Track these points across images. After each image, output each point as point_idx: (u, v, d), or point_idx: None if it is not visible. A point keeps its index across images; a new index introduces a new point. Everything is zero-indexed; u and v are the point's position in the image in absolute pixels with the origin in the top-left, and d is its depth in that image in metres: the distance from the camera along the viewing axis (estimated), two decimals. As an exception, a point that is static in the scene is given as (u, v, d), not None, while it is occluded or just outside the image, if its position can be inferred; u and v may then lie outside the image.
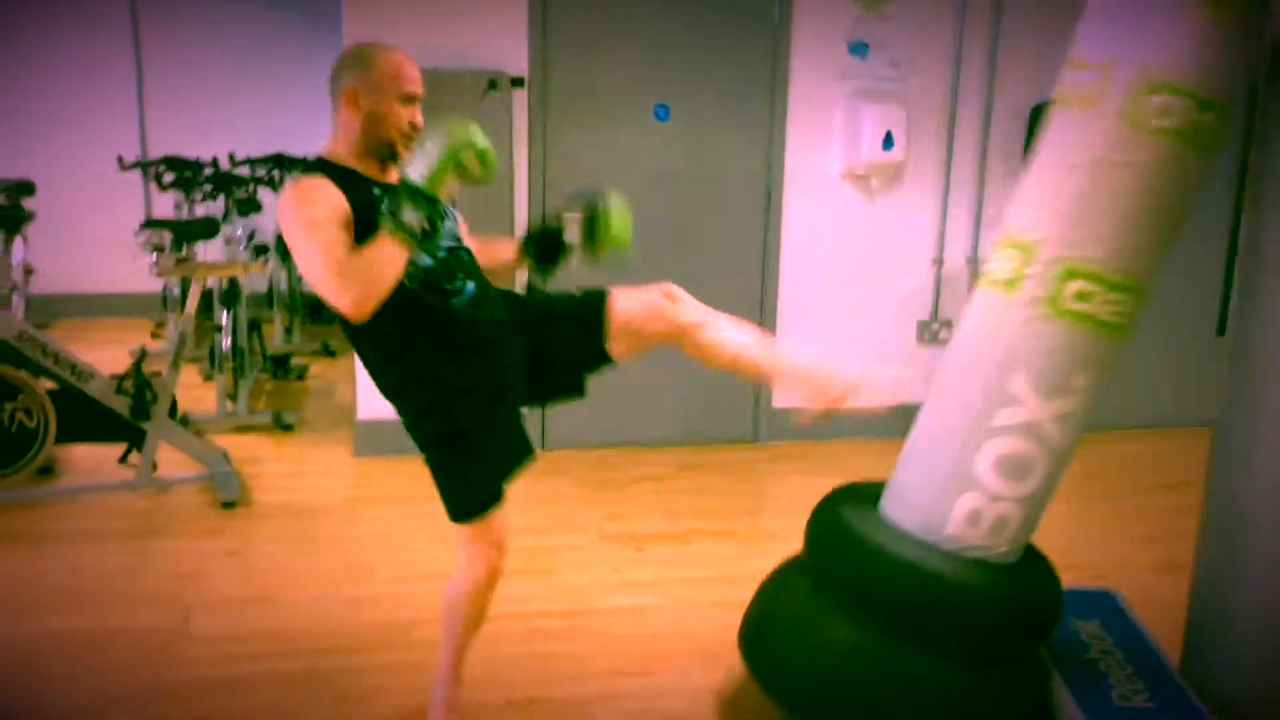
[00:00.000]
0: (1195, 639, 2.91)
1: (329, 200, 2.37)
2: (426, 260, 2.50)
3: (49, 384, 4.18)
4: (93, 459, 4.61)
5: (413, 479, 4.65)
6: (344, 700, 3.04)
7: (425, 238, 2.30)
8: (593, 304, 2.74)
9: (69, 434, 4.28)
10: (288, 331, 6.61)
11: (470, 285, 2.62)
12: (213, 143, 6.96)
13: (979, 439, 2.61)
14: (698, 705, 3.06)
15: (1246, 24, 2.46)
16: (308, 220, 2.33)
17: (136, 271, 6.36)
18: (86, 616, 3.47)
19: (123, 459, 4.39)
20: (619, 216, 2.76)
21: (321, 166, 2.49)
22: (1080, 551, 4.14)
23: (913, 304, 5.25)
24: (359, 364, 4.58)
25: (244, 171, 6.59)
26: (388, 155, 2.53)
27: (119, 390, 4.22)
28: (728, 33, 4.85)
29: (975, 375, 2.64)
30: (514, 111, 4.68)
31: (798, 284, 5.07)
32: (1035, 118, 5.07)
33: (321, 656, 3.25)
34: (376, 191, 2.47)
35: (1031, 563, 2.79)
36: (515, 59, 4.67)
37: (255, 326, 5.88)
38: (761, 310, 5.08)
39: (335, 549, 3.98)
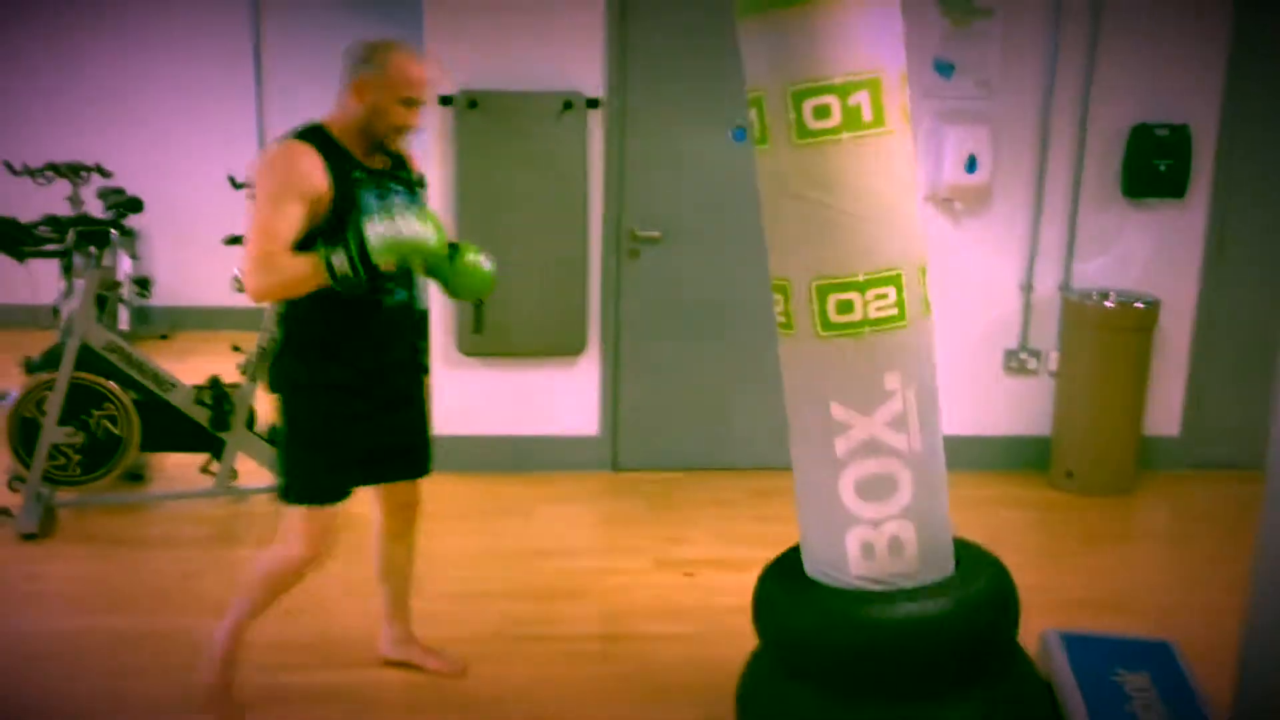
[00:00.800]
0: (1245, 698, 2.72)
1: (302, 173, 2.61)
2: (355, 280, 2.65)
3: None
4: (183, 467, 4.81)
5: (475, 495, 4.73)
6: (365, 713, 3.09)
7: (343, 283, 2.56)
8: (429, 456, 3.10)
9: (153, 442, 4.48)
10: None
11: (402, 294, 2.85)
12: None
13: (834, 474, 2.56)
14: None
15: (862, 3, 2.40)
16: (274, 187, 2.61)
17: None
18: (149, 617, 3.61)
19: (204, 468, 4.57)
20: (472, 272, 2.84)
21: (316, 134, 2.70)
22: (1161, 595, 3.92)
23: (999, 332, 5.07)
24: (436, 379, 4.72)
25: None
26: (378, 145, 2.76)
27: (199, 401, 4.39)
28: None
29: (805, 417, 2.63)
30: (589, 131, 4.70)
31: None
32: (1134, 139, 4.85)
33: (355, 669, 3.30)
34: (356, 174, 2.71)
35: (966, 574, 2.66)
36: (591, 81, 4.70)
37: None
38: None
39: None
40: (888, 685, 2.54)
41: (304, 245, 2.62)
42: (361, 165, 2.73)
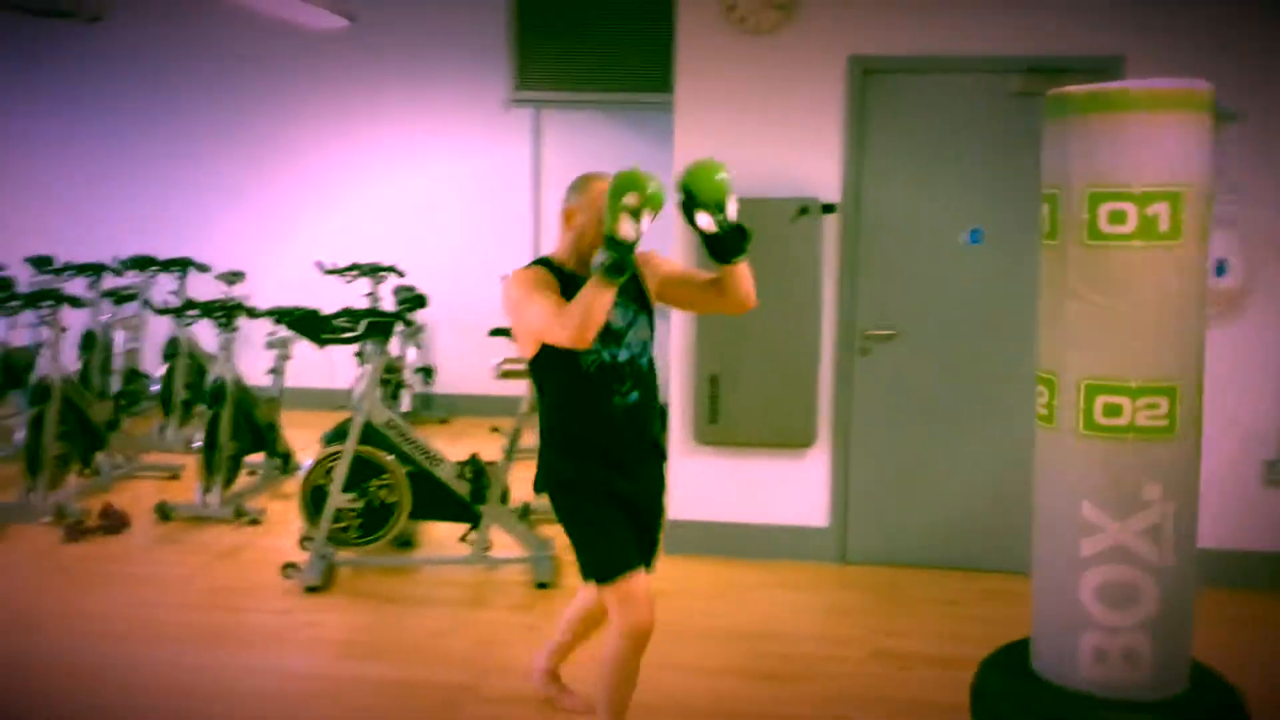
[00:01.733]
0: None
1: (546, 281, 2.99)
2: (606, 357, 2.97)
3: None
4: (447, 535, 5.30)
5: (706, 577, 4.94)
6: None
7: (617, 270, 2.76)
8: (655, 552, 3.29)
9: (421, 511, 4.98)
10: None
11: (635, 395, 3.09)
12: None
13: (1075, 574, 2.59)
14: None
15: (1180, 115, 2.49)
16: (529, 289, 2.96)
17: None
18: (402, 666, 4.03)
19: (463, 538, 5.02)
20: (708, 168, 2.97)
21: (542, 263, 3.11)
22: None
23: (1256, 442, 4.85)
24: (673, 465, 5.00)
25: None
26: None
27: (460, 476, 4.86)
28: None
29: (1054, 513, 2.66)
30: (824, 235, 4.94)
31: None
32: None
33: (576, 726, 3.58)
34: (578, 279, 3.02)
35: (1196, 696, 2.61)
36: (827, 186, 4.95)
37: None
38: (1077, 438, 4.91)
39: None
40: None
41: (544, 362, 3.03)
42: (574, 276, 3.04)
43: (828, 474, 5.11)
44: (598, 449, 3.08)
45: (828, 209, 4.94)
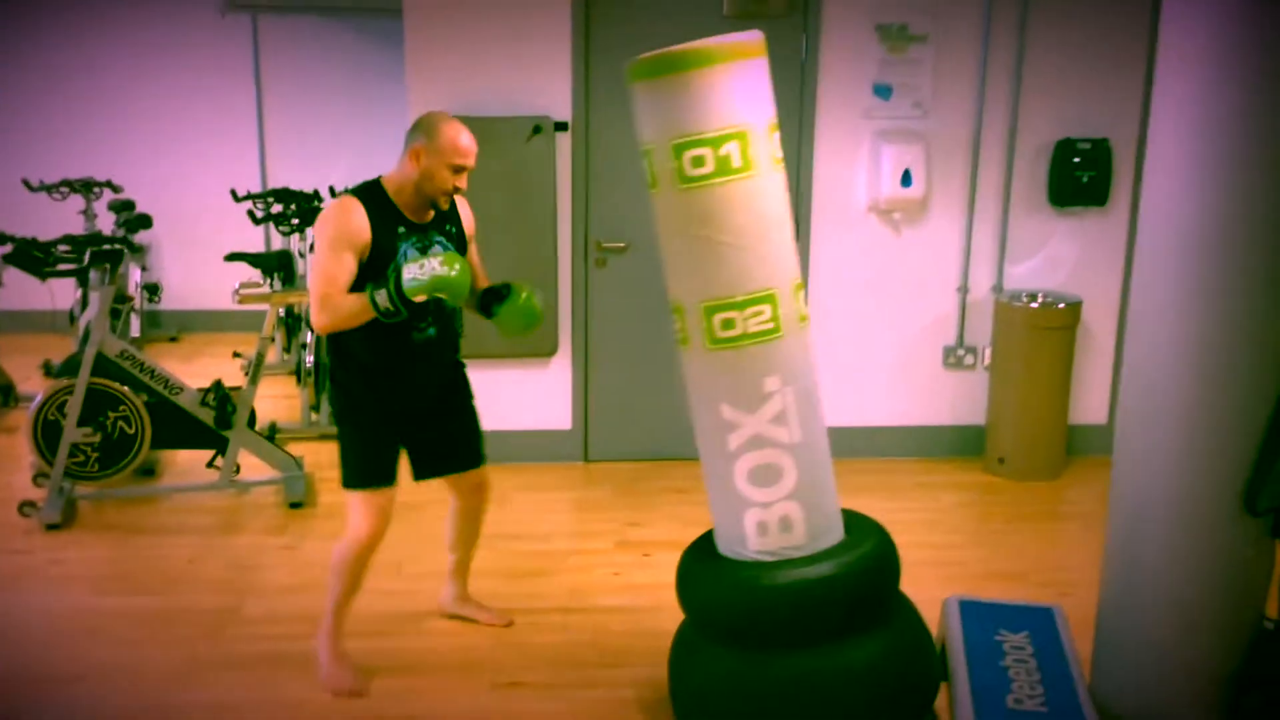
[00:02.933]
0: (1101, 658, 3.16)
1: (352, 226, 3.14)
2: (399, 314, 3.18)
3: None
4: (190, 462, 5.27)
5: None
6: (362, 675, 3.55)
7: (388, 317, 3.10)
8: (479, 453, 3.66)
9: (163, 440, 4.93)
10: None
11: (433, 330, 3.35)
12: (331, 176, 7.55)
13: (729, 466, 3.01)
14: (654, 694, 3.45)
15: (736, 64, 2.83)
16: (329, 239, 3.14)
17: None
18: (159, 596, 4.08)
19: (209, 463, 5.02)
20: (524, 310, 3.36)
21: (370, 190, 3.23)
22: (1072, 569, 4.36)
23: (938, 330, 5.50)
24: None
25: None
26: (428, 204, 3.25)
27: (203, 403, 4.85)
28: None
29: (703, 419, 3.07)
30: (557, 152, 5.14)
31: (828, 312, 5.36)
32: (1058, 153, 5.27)
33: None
34: (402, 229, 3.23)
35: (852, 541, 3.11)
36: (559, 105, 5.14)
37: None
38: (791, 335, 5.41)
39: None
40: (786, 638, 3.00)
41: (358, 286, 3.16)
42: (407, 220, 3.24)
43: (569, 380, 5.41)
44: (390, 378, 3.34)
45: (560, 127, 5.14)
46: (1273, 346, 2.74)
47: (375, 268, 3.16)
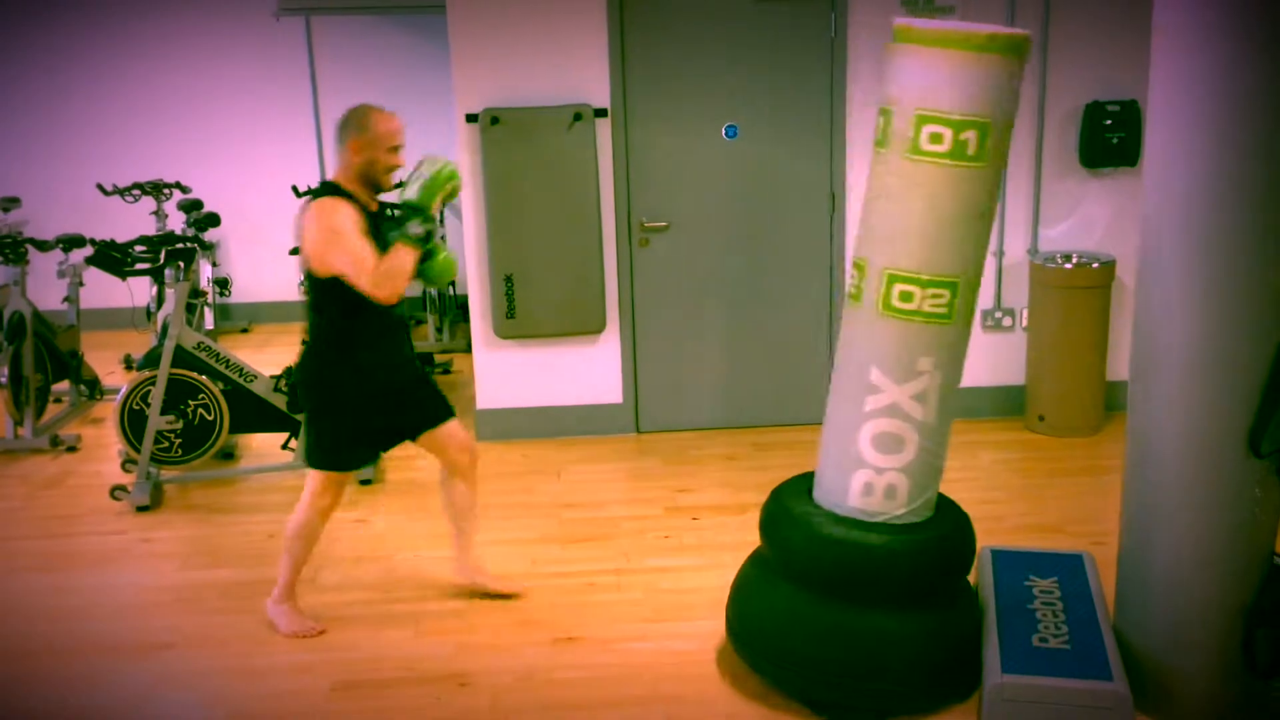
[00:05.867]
0: (1122, 595, 3.32)
1: (350, 215, 3.44)
2: None
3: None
4: (265, 445, 5.59)
5: (515, 459, 5.44)
6: (422, 636, 3.83)
7: (426, 241, 3.40)
8: (446, 406, 3.88)
9: (240, 425, 5.25)
10: (438, 330, 7.52)
11: (401, 307, 3.65)
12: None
13: (857, 424, 3.18)
14: (704, 645, 3.68)
15: (996, 57, 2.95)
16: (339, 227, 3.41)
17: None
18: (241, 569, 4.39)
19: (284, 445, 5.32)
20: (444, 265, 3.65)
21: (336, 190, 3.52)
22: (1107, 519, 4.50)
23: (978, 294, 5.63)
24: (478, 360, 5.44)
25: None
26: (375, 188, 3.55)
27: (276, 389, 5.15)
28: (787, 51, 5.35)
29: (848, 374, 3.22)
30: (598, 137, 5.36)
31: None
32: (1088, 115, 5.37)
33: (408, 603, 4.05)
34: (367, 217, 3.51)
35: (938, 521, 3.29)
36: (598, 93, 5.35)
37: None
38: (830, 306, 5.59)
39: (439, 518, 4.77)
40: (852, 593, 3.20)
41: (332, 286, 3.47)
42: (366, 209, 3.54)
43: (619, 356, 5.64)
44: (376, 352, 3.63)
45: (600, 114, 5.35)
46: (1272, 297, 2.88)
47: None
